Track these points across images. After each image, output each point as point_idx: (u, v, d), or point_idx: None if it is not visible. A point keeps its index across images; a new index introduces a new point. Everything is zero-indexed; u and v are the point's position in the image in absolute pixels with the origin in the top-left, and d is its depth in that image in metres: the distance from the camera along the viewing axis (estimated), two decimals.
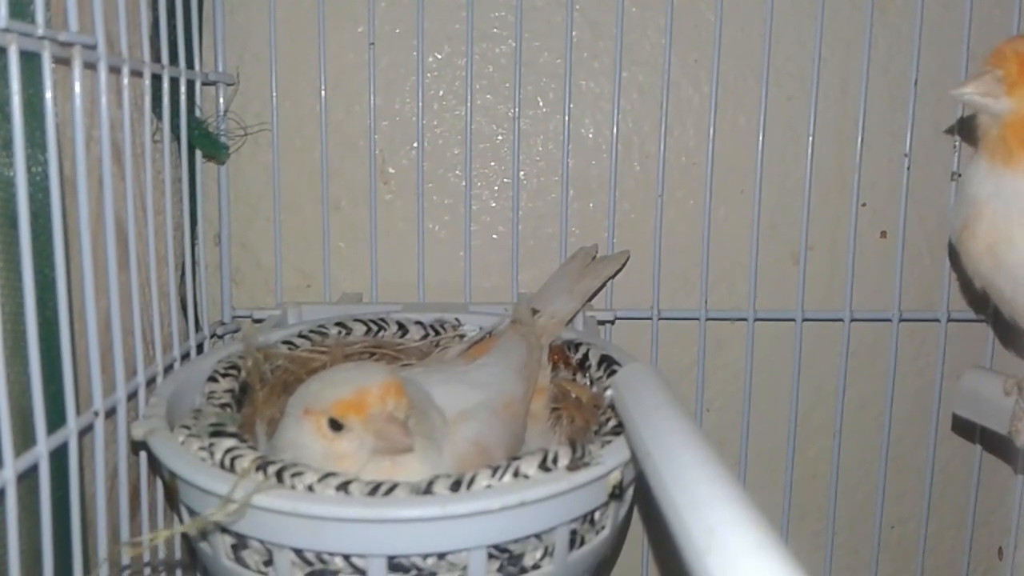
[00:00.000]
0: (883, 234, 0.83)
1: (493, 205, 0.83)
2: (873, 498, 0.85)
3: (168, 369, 0.67)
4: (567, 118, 0.81)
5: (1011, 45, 0.54)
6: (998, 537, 0.88)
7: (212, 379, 0.61)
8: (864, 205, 0.82)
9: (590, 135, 0.82)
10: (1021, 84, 0.53)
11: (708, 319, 0.82)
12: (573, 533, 0.51)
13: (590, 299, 0.78)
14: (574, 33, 0.80)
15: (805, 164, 0.80)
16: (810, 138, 0.80)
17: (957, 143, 0.80)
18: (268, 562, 0.49)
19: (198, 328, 0.76)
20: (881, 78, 0.81)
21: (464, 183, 0.82)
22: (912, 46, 0.79)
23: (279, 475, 0.47)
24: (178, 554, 0.69)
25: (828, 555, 0.85)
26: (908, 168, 0.80)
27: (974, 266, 0.58)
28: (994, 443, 0.83)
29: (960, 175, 0.79)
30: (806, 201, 0.80)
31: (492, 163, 0.83)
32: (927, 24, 0.78)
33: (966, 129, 0.78)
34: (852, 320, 0.82)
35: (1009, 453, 0.84)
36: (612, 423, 0.54)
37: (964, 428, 0.84)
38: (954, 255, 0.78)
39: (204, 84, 0.77)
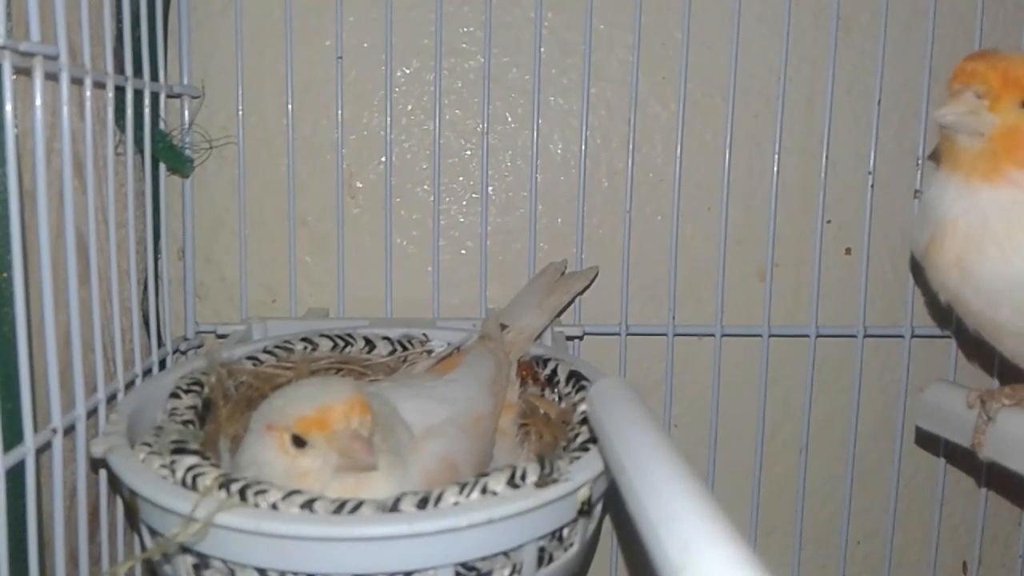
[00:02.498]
0: (848, 251, 0.84)
1: (462, 220, 0.83)
2: (840, 513, 0.85)
3: (129, 385, 0.66)
4: (536, 134, 0.81)
5: (984, 61, 0.55)
6: (962, 552, 0.88)
7: (174, 395, 0.60)
8: (829, 222, 0.83)
9: (559, 151, 0.82)
10: (1004, 98, 0.54)
11: (676, 335, 0.82)
12: (541, 550, 0.51)
13: (559, 315, 0.78)
14: (542, 49, 0.80)
15: (771, 181, 0.81)
16: (776, 156, 0.81)
17: (920, 161, 0.82)
18: None
19: (160, 343, 0.75)
20: (845, 97, 0.82)
21: (432, 198, 0.82)
22: (875, 66, 0.80)
23: (242, 493, 0.46)
24: None
25: (795, 570, 0.86)
26: (872, 186, 0.81)
27: (941, 280, 0.59)
28: (958, 456, 0.84)
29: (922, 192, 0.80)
30: (772, 218, 0.81)
31: (461, 178, 0.83)
32: (890, 44, 0.80)
33: (930, 147, 0.80)
34: (818, 336, 0.82)
35: (972, 466, 0.85)
36: (581, 439, 0.54)
37: (928, 441, 0.85)
38: (918, 271, 0.79)
39: (169, 96, 0.76)
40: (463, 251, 0.83)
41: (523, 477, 0.48)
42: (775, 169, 0.81)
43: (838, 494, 0.85)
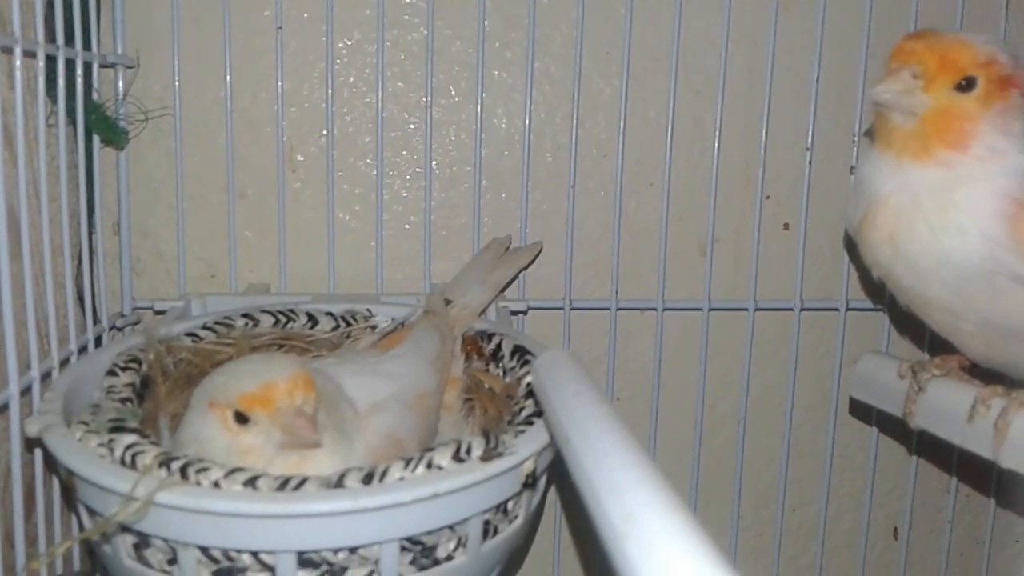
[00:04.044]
0: (786, 226, 0.86)
1: (405, 195, 0.83)
2: (776, 482, 0.87)
3: (64, 363, 0.65)
4: (480, 108, 0.81)
5: (922, 41, 0.56)
6: (894, 518, 0.91)
7: (111, 373, 0.58)
8: (768, 198, 0.84)
9: (503, 125, 0.82)
10: (939, 79, 0.55)
11: (618, 309, 0.83)
12: (487, 523, 0.51)
13: (503, 290, 0.78)
14: (486, 23, 0.80)
15: (712, 158, 0.82)
16: (717, 132, 0.82)
17: (856, 138, 0.83)
18: (172, 560, 0.48)
19: (96, 320, 0.73)
20: (785, 74, 0.83)
21: (375, 172, 0.81)
22: (814, 44, 0.81)
23: (183, 471, 0.45)
24: (76, 563, 0.66)
25: (733, 538, 0.88)
26: (810, 162, 0.83)
27: (873, 256, 0.60)
28: (890, 426, 0.87)
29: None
30: (713, 194, 0.82)
31: (404, 152, 0.82)
32: (829, 23, 0.81)
33: (866, 125, 0.81)
34: (756, 310, 0.84)
35: (903, 435, 0.88)
36: (525, 412, 0.55)
37: (861, 411, 0.87)
38: (852, 247, 0.81)
39: (102, 66, 0.74)
40: (407, 226, 0.83)
41: (468, 451, 0.48)
42: (716, 145, 0.82)
43: (775, 464, 0.87)
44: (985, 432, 0.57)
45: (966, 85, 0.55)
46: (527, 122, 0.81)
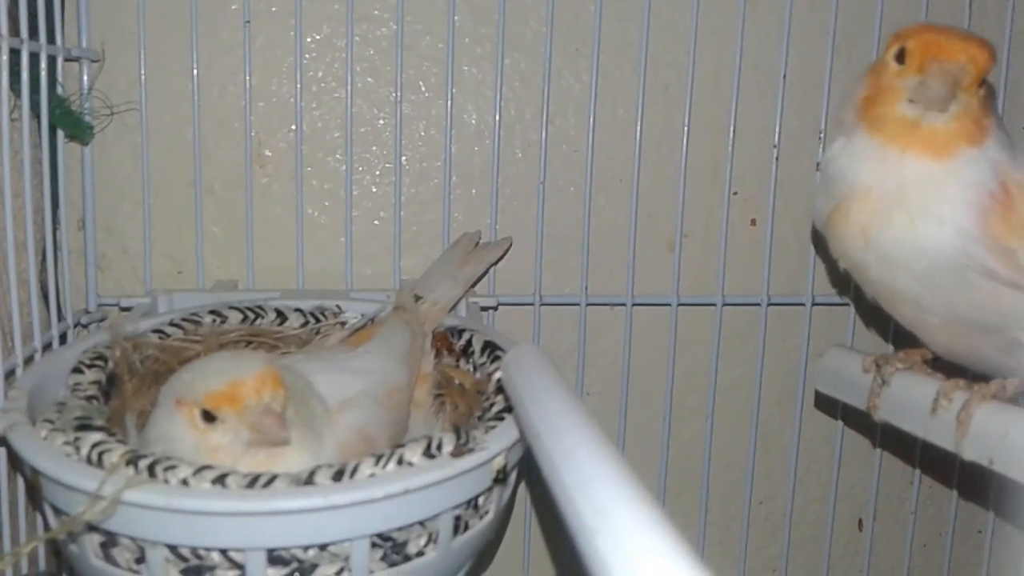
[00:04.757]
0: (753, 222, 0.87)
1: (374, 190, 0.82)
2: (743, 475, 0.88)
3: (28, 360, 0.64)
4: (450, 103, 0.80)
5: (966, 42, 0.54)
6: (858, 510, 0.93)
7: (77, 370, 0.58)
8: (735, 194, 0.85)
9: (473, 121, 0.82)
10: (974, 79, 0.54)
11: (588, 304, 0.84)
12: (457, 519, 0.51)
13: (473, 285, 0.78)
14: (456, 18, 0.80)
15: (680, 154, 0.82)
16: (685, 129, 0.82)
17: (822, 135, 0.84)
18: (140, 559, 0.47)
19: (61, 317, 0.72)
20: (752, 72, 0.84)
21: (344, 167, 0.80)
22: (781, 41, 0.82)
23: (151, 469, 0.45)
24: (42, 563, 0.65)
25: (702, 531, 0.89)
26: (776, 159, 0.84)
27: (843, 248, 0.60)
28: (854, 419, 0.88)
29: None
30: (681, 190, 0.83)
31: (373, 147, 0.82)
32: (795, 21, 0.82)
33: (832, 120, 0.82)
34: (724, 305, 0.85)
35: (868, 428, 0.89)
36: (496, 408, 0.55)
37: (826, 405, 0.88)
38: (819, 242, 0.82)
39: (67, 60, 0.73)
40: (376, 221, 0.83)
41: (439, 447, 0.48)
42: (684, 142, 0.82)
43: (742, 457, 0.88)
44: (948, 425, 0.58)
45: (980, 88, 0.56)
46: (497, 118, 0.81)
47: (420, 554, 0.50)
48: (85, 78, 0.75)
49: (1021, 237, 0.55)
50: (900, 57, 0.56)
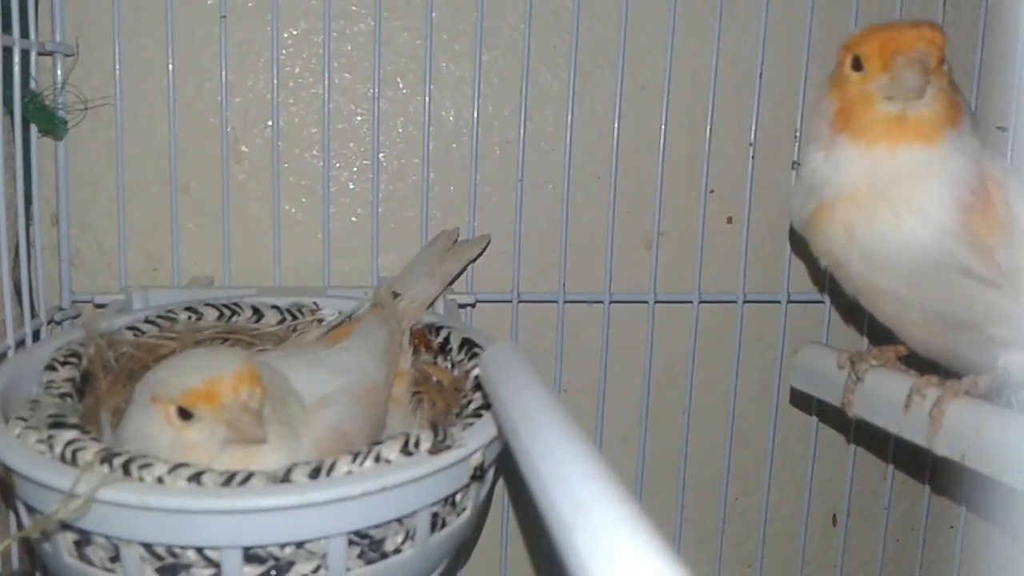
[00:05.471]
0: (729, 220, 0.87)
1: (352, 187, 0.82)
2: (719, 472, 0.89)
3: (1, 358, 0.63)
4: (427, 100, 0.80)
5: (917, 31, 0.55)
6: (832, 505, 0.94)
7: (50, 368, 0.57)
8: (712, 192, 0.86)
9: (451, 118, 0.82)
10: (937, 64, 0.55)
11: (566, 302, 0.84)
12: (435, 516, 0.51)
13: (451, 282, 0.78)
14: (434, 14, 0.80)
15: (657, 152, 0.83)
16: (662, 127, 0.82)
17: (797, 134, 0.85)
18: (115, 558, 0.47)
19: (34, 314, 0.72)
20: (729, 71, 0.84)
21: (322, 164, 0.80)
22: (758, 41, 0.82)
23: (126, 467, 0.45)
24: (15, 562, 0.65)
25: (678, 527, 0.89)
26: (753, 157, 0.84)
27: (826, 246, 0.60)
28: (829, 415, 0.89)
29: (799, 163, 0.83)
30: (658, 188, 0.83)
31: (351, 144, 0.81)
32: (772, 21, 0.82)
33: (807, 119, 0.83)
34: (700, 302, 0.85)
35: (842, 425, 0.90)
36: (473, 405, 0.55)
37: (801, 401, 0.89)
38: (795, 240, 0.83)
39: (40, 54, 0.72)
40: (354, 218, 0.82)
41: (416, 444, 0.48)
42: (661, 140, 0.83)
43: (718, 454, 0.89)
44: (921, 421, 0.58)
45: (943, 65, 0.56)
46: (475, 115, 0.81)
47: (397, 551, 0.50)
48: (59, 72, 0.74)
49: (998, 235, 0.56)
50: (856, 65, 0.57)
